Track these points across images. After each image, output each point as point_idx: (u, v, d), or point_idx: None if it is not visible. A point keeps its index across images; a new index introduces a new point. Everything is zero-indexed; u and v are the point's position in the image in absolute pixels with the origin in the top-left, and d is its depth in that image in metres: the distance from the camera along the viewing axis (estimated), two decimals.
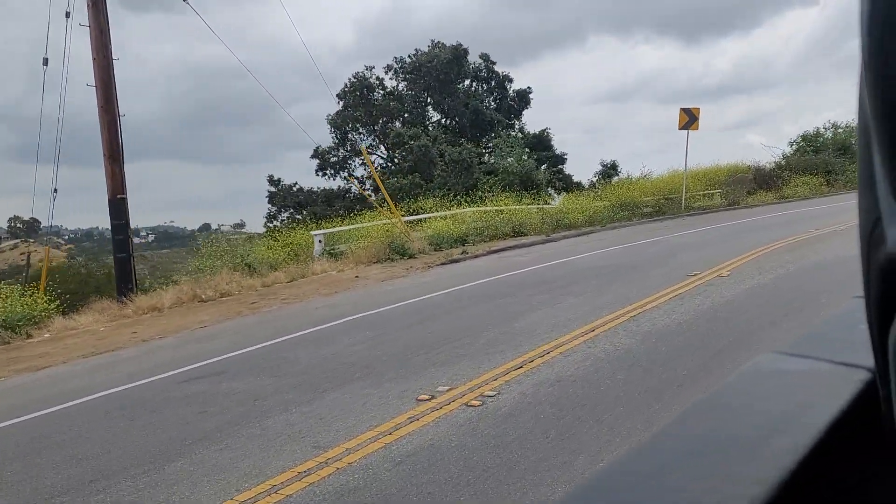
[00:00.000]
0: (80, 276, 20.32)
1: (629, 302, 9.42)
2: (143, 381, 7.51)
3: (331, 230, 19.95)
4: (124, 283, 13.29)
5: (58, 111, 14.06)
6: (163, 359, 8.66)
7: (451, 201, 24.59)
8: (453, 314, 9.66)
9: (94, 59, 12.92)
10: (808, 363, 0.77)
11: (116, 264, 13.41)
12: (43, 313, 12.14)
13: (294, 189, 38.07)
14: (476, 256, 17.25)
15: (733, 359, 6.39)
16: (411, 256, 17.72)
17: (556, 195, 34.76)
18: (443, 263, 16.30)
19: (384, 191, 20.19)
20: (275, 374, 7.28)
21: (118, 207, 13.21)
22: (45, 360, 9.46)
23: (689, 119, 28.22)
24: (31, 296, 12.98)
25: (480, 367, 6.87)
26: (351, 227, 20.03)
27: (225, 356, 8.40)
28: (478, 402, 5.78)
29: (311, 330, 9.47)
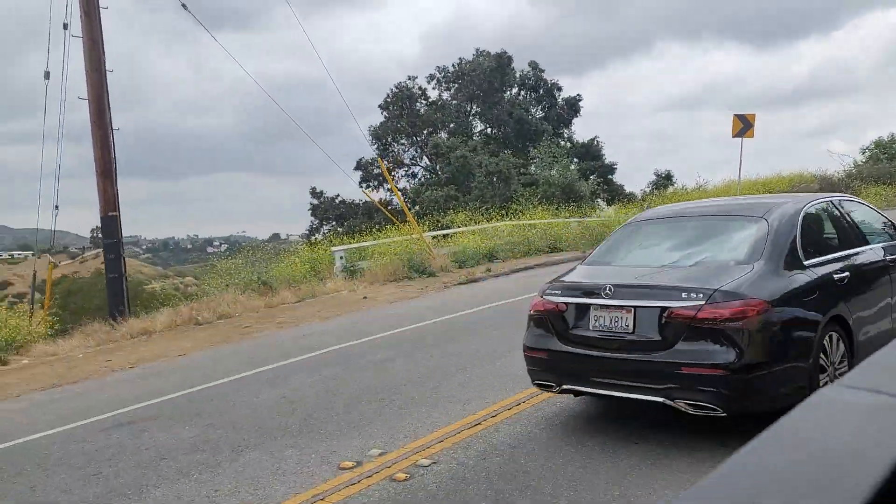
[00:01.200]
0: (86, 292, 20.03)
1: None
2: (66, 427, 6.70)
3: (352, 246, 19.12)
4: (116, 304, 12.70)
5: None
6: (108, 396, 7.87)
7: (484, 214, 23.49)
8: (437, 348, 8.58)
9: (86, 71, 12.40)
10: (873, 397, 0.78)
11: (108, 285, 12.84)
12: (27, 337, 11.61)
13: (336, 201, 37.66)
14: (498, 275, 16.12)
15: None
16: (431, 275, 16.71)
17: (605, 207, 33.25)
18: (461, 283, 15.23)
19: (403, 205, 19.30)
20: (205, 423, 6.35)
21: (110, 225, 12.64)
22: None
23: (744, 126, 26.33)
24: (27, 316, 12.52)
25: (433, 421, 5.78)
26: (373, 242, 19.15)
27: (172, 395, 7.54)
28: (404, 476, 4.70)
29: (278, 364, 8.55)
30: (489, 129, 40.45)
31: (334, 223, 37.27)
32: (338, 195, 37.76)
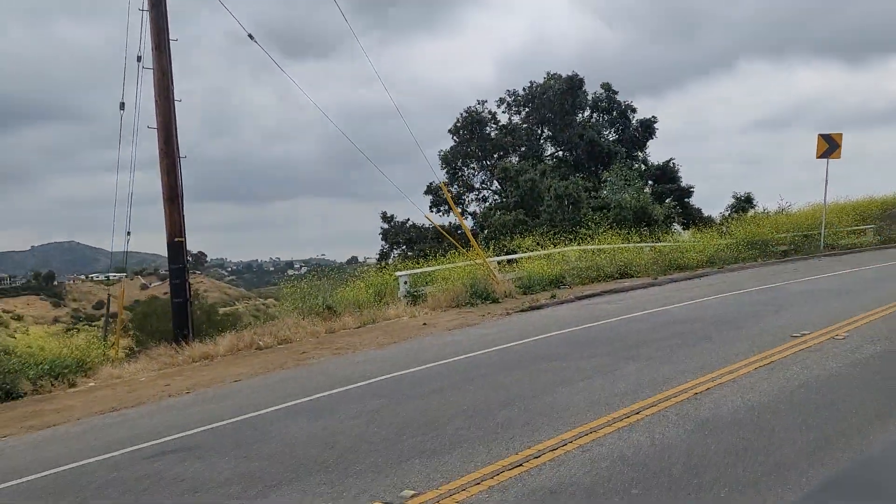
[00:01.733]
0: (160, 314, 20.59)
1: (702, 372, 7.62)
2: (112, 454, 6.71)
3: (416, 271, 19.01)
4: (180, 328, 12.94)
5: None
6: (158, 423, 7.89)
7: (552, 239, 23.01)
8: (488, 379, 8.26)
9: (155, 101, 12.82)
10: None
11: (173, 309, 13.11)
12: (96, 359, 11.93)
13: (406, 226, 37.80)
14: (562, 303, 15.63)
15: (802, 475, 4.60)
16: (494, 301, 16.38)
17: (681, 231, 32.15)
18: (523, 310, 14.84)
19: (466, 229, 19.08)
20: (244, 454, 6.23)
21: (176, 251, 12.94)
22: (60, 415, 9.01)
23: (830, 146, 25.04)
24: (100, 339, 12.89)
25: (474, 460, 5.47)
26: (437, 267, 18.99)
27: (218, 423, 7.49)
28: None
29: (326, 393, 8.41)
30: (560, 153, 39.93)
31: (404, 247, 37.40)
32: (408, 219, 37.90)
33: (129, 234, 14.08)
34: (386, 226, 38.18)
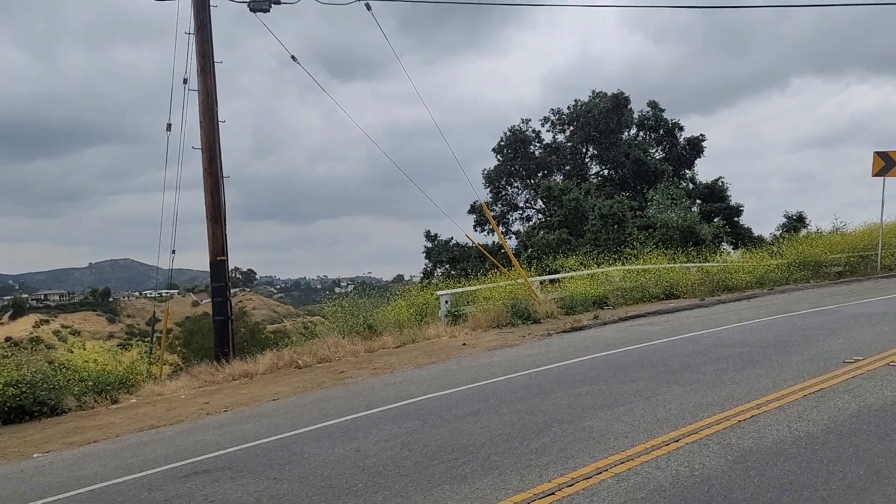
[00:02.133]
0: (205, 332, 20.87)
1: (747, 398, 7.32)
2: (146, 473, 6.74)
3: (457, 290, 18.92)
4: (221, 346, 13.08)
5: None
6: (195, 441, 7.93)
7: (595, 259, 22.68)
8: (525, 402, 8.09)
9: (200, 122, 13.09)
10: None
11: (215, 327, 13.26)
12: (139, 376, 12.12)
13: (450, 244, 37.80)
14: (605, 324, 15.34)
15: None
16: (535, 321, 16.18)
17: (730, 251, 31.40)
18: (564, 331, 14.59)
19: (507, 248, 18.93)
20: (275, 475, 6.19)
21: (218, 269, 13.11)
22: (101, 432, 9.14)
23: (886, 164, 24.21)
24: (144, 356, 13.11)
25: (505, 487, 5.31)
26: (477, 286, 18.87)
27: (252, 443, 7.48)
28: None
29: (361, 414, 8.35)
30: (605, 171, 39.54)
31: (448, 266, 37.40)
32: (451, 238, 37.93)
33: (174, 252, 14.34)
34: (429, 244, 38.26)
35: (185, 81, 13.64)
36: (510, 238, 38.31)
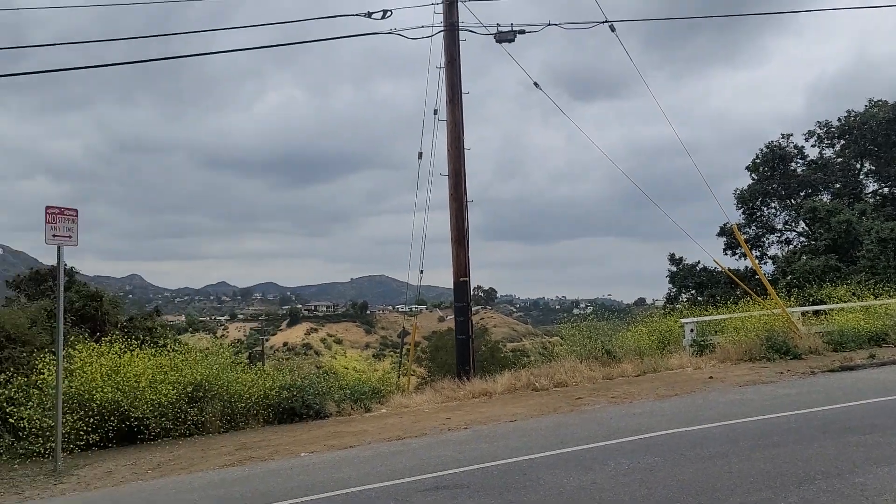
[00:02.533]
0: (450, 348, 21.73)
1: None
2: (389, 483, 7.17)
3: (703, 318, 17.79)
4: (463, 364, 13.58)
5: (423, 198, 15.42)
6: (437, 456, 8.29)
7: (872, 289, 19.99)
8: (782, 448, 7.31)
9: (448, 150, 13.83)
10: None
11: (456, 345, 13.81)
12: (388, 387, 13.01)
13: (696, 269, 35.73)
14: (882, 364, 13.42)
15: None
16: (795, 357, 14.63)
17: None
18: (831, 370, 13.01)
19: (761, 275, 17.37)
20: (510, 499, 6.23)
21: (461, 290, 13.67)
22: (356, 438, 9.93)
23: None
24: (394, 369, 14.09)
25: None
26: (726, 315, 17.57)
27: (490, 463, 7.63)
28: None
29: (598, 444, 8.13)
30: (885, 189, 34.83)
31: (693, 291, 35.36)
32: (698, 262, 35.78)
33: (422, 271, 15.28)
34: (674, 268, 36.48)
35: (435, 112, 14.54)
36: (765, 263, 35.21)
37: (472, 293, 14.55)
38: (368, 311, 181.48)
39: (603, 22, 14.82)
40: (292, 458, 8.95)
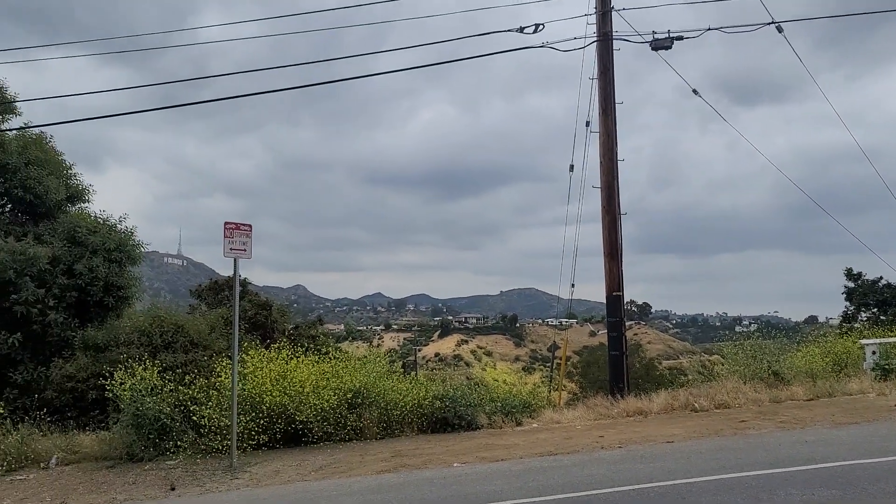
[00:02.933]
0: (602, 364, 21.16)
1: None
2: (542, 499, 7.13)
3: (888, 340, 16.17)
4: (616, 381, 13.20)
5: (576, 210, 15.30)
6: (588, 475, 8.12)
7: None
8: None
9: (600, 162, 13.56)
10: None
11: (609, 362, 13.45)
12: (538, 401, 12.91)
13: (878, 285, 32.54)
14: None
15: None
16: None
17: None
18: None
19: None
20: None
21: (614, 304, 13.31)
22: (506, 451, 9.94)
23: None
24: (544, 383, 14.00)
25: None
26: None
27: (643, 485, 7.37)
28: None
29: (764, 472, 7.60)
30: None
31: (875, 310, 32.19)
32: (880, 277, 32.54)
33: (573, 285, 15.05)
34: (851, 284, 33.44)
35: (587, 124, 14.33)
36: None
37: (625, 308, 14.13)
38: (518, 324, 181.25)
39: (769, 23, 13.99)
40: (445, 468, 9.11)
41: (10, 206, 16.94)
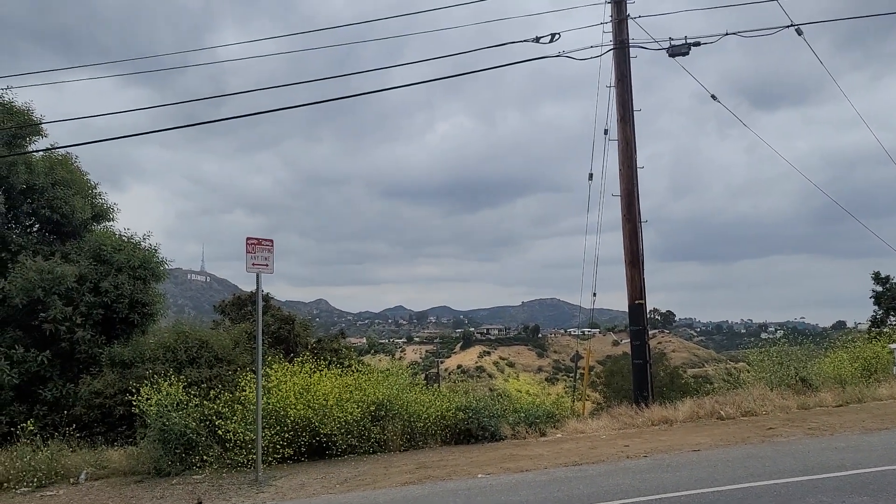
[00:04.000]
0: (626, 373, 21.00)
1: None
2: None
3: None
4: (640, 390, 13.09)
5: (597, 221, 15.28)
6: (613, 484, 8.06)
7: None
8: None
9: (619, 170, 13.52)
10: None
11: (633, 371, 13.35)
12: (562, 411, 12.85)
13: None
14: None
15: None
16: None
17: None
18: None
19: None
20: None
21: (636, 313, 13.23)
22: (531, 462, 9.89)
23: None
24: (567, 393, 13.93)
25: None
26: None
27: (672, 494, 7.30)
28: None
29: (794, 479, 7.50)
30: None
31: None
32: None
33: (595, 294, 14.98)
34: (879, 288, 32.97)
35: (605, 132, 14.33)
36: None
37: (648, 316, 14.04)
38: (540, 335, 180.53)
39: (788, 26, 13.89)
40: (470, 479, 9.09)
41: (38, 225, 17.28)
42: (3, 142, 16.32)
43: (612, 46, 13.81)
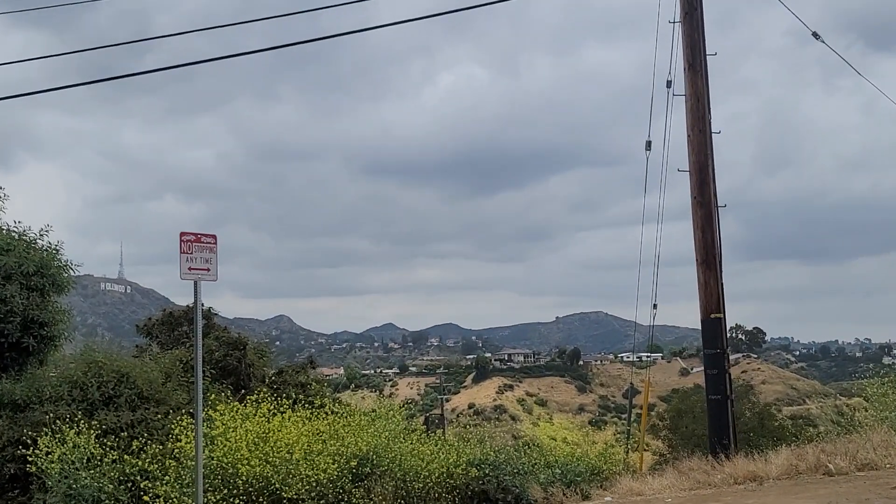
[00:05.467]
0: (698, 412, 21.06)
1: None
2: None
3: None
4: (718, 436, 13.08)
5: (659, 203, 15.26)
6: None
7: None
8: None
9: (688, 136, 13.49)
10: None
11: (709, 408, 13.34)
12: (612, 467, 12.89)
13: None
14: None
15: None
16: None
17: None
18: None
19: None
20: None
21: (712, 330, 13.20)
22: None
23: None
24: (619, 441, 13.98)
25: None
26: None
27: None
28: None
29: None
30: None
31: None
32: None
33: (655, 306, 14.97)
34: None
35: (668, 84, 14.33)
36: None
37: (728, 336, 14.06)
38: (581, 362, 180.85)
39: None
40: None
41: None
42: None
43: None
